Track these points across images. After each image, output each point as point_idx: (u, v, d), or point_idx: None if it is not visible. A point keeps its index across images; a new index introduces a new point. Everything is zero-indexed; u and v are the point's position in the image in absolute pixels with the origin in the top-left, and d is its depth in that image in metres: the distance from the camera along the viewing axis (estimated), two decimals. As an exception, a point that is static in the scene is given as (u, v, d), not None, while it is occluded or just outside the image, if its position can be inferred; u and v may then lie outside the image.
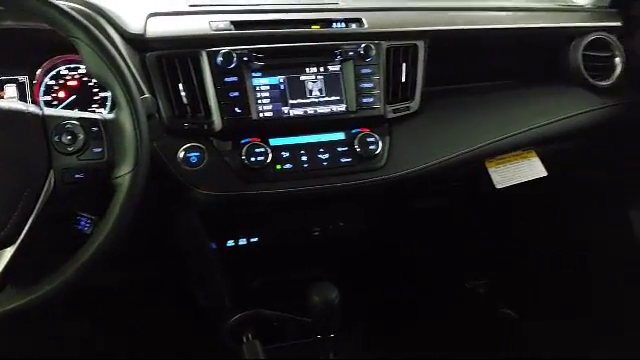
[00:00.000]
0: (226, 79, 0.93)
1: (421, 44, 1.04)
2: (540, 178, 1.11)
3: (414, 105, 1.04)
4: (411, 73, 1.03)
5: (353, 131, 0.99)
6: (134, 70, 0.84)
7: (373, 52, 0.99)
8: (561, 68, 1.16)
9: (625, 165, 1.28)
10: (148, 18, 0.92)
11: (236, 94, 0.93)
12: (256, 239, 1.10)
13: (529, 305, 1.52)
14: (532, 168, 1.10)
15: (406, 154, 1.00)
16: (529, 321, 1.48)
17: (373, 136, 0.98)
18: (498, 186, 1.07)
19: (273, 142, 0.95)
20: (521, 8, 1.19)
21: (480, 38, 1.12)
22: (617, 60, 1.15)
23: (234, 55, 0.92)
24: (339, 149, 0.98)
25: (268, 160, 0.93)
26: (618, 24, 1.17)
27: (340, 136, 0.99)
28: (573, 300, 1.46)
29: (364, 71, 0.99)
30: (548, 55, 1.18)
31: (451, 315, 1.46)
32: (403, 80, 1.03)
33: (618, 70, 1.15)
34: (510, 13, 1.16)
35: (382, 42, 1.01)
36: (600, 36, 1.14)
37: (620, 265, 1.38)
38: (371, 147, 0.98)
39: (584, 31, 1.15)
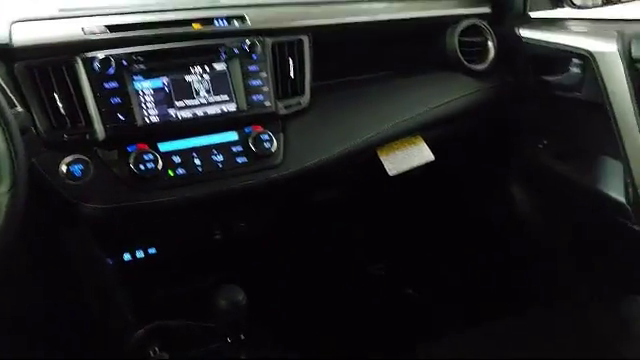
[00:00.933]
0: (105, 85, 0.88)
1: (306, 39, 1.04)
2: (430, 162, 1.16)
3: (305, 100, 1.05)
4: (299, 68, 1.04)
5: (246, 130, 0.98)
6: (1, 82, 0.77)
7: (258, 49, 0.98)
8: (439, 55, 1.21)
9: (504, 142, 1.37)
10: (12, 25, 0.85)
11: (117, 100, 0.89)
12: (154, 250, 1.06)
13: (429, 284, 1.60)
14: (421, 153, 1.14)
15: (301, 150, 1.01)
16: (430, 300, 1.56)
17: (267, 134, 0.98)
18: (391, 173, 1.10)
19: (163, 147, 0.92)
20: (398, -1, 1.23)
21: (361, 30, 1.14)
22: (490, 44, 1.22)
23: (112, 60, 0.88)
24: (234, 149, 0.97)
25: (159, 167, 0.89)
26: (487, 10, 1.24)
27: (233, 136, 0.98)
28: (468, 276, 1.56)
29: (251, 68, 0.98)
30: (426, 43, 1.23)
31: (356, 300, 1.50)
32: (292, 76, 1.03)
33: (491, 54, 1.22)
34: (388, 4, 1.19)
35: (267, 38, 1.00)
36: (473, 22, 1.21)
37: (507, 239, 1.48)
38: (266, 145, 0.97)
39: (457, 18, 1.20)
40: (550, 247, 1.42)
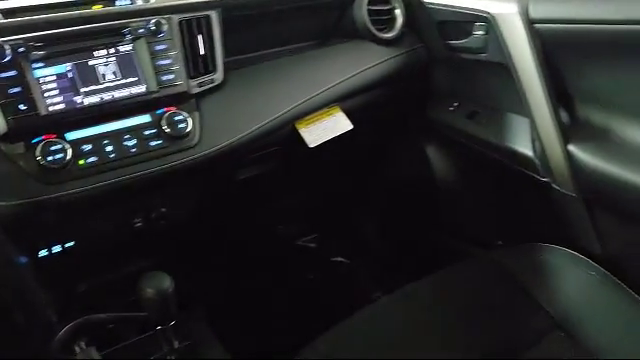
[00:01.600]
0: (2, 75, 0.83)
1: (214, 14, 1.02)
2: (349, 131, 1.18)
3: (218, 77, 1.03)
4: (209, 45, 1.02)
5: (158, 112, 0.96)
6: None
7: (165, 27, 0.95)
8: (351, 25, 1.22)
9: (418, 106, 1.41)
10: None
11: (17, 90, 0.84)
12: (72, 243, 1.01)
13: (358, 250, 1.64)
14: (339, 123, 1.15)
15: (218, 128, 0.99)
16: (359, 265, 1.60)
17: (181, 114, 0.96)
18: (311, 145, 1.11)
19: (70, 136, 0.88)
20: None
21: (270, 3, 1.12)
22: (397, 12, 1.25)
23: (7, 47, 0.83)
24: (147, 133, 0.94)
25: (68, 157, 0.86)
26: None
27: (146, 119, 0.95)
28: (394, 238, 1.61)
29: (159, 48, 0.95)
30: (336, 14, 1.24)
31: (288, 274, 1.51)
32: (202, 53, 1.01)
33: (399, 22, 1.24)
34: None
35: (173, 16, 0.97)
36: (377, -9, 1.22)
37: (426, 199, 1.54)
38: (180, 126, 0.95)
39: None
40: (468, 203, 1.48)
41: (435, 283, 1.04)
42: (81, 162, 0.88)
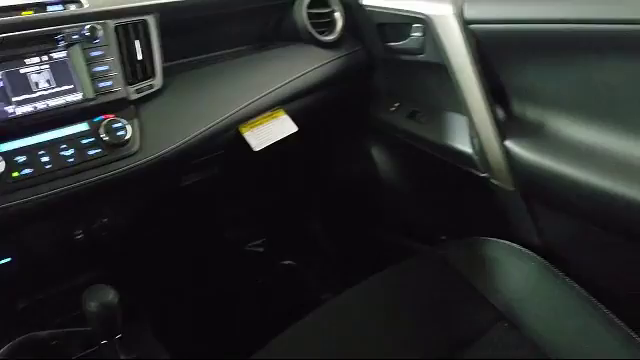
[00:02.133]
0: None
1: (151, 19, 1.00)
2: (294, 133, 1.18)
3: (157, 82, 1.01)
4: (147, 50, 0.99)
5: (96, 120, 0.93)
6: None
7: (100, 33, 0.92)
8: (290, 29, 1.22)
9: (361, 107, 1.43)
10: None
11: (-58, 101, 0.80)
12: (9, 259, 0.97)
13: (305, 251, 1.64)
14: (283, 126, 1.15)
15: (159, 134, 0.97)
16: (308, 267, 1.60)
17: (119, 121, 0.93)
18: (256, 149, 1.10)
19: (3, 148, 0.85)
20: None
21: (209, 7, 1.11)
22: (337, 15, 1.26)
23: None
24: (84, 141, 0.91)
25: (1, 169, 0.82)
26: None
27: (83, 127, 0.92)
28: (340, 237, 1.62)
29: (94, 54, 0.93)
30: (278, 16, 1.24)
31: (237, 280, 1.50)
32: (140, 58, 0.99)
33: (340, 24, 1.26)
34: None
35: (108, 21, 0.94)
36: (317, -6, 1.23)
37: (371, 199, 1.56)
38: (120, 133, 0.93)
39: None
40: (412, 201, 1.51)
41: (382, 281, 1.06)
42: (15, 174, 0.84)
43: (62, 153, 0.88)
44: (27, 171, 0.85)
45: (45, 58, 0.89)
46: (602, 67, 0.93)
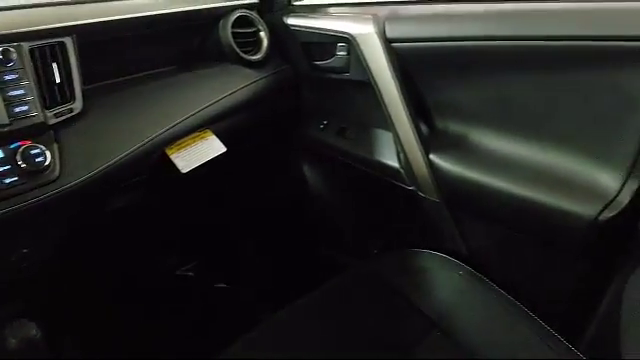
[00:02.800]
0: None
1: (69, 41, 0.96)
2: (223, 154, 1.17)
3: (77, 106, 0.97)
4: (65, 73, 0.96)
5: (12, 146, 0.88)
6: None
7: (14, 56, 0.88)
8: (216, 49, 1.22)
9: (290, 126, 1.44)
10: None
11: None
12: None
13: (239, 273, 1.62)
14: (211, 147, 1.14)
15: (80, 159, 0.93)
16: (242, 289, 1.58)
17: (37, 147, 0.89)
18: (183, 170, 1.08)
19: None
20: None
21: (130, 28, 1.09)
22: (262, 34, 1.27)
23: None
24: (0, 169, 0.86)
25: None
26: (255, 1, 1.28)
27: None
28: (273, 257, 1.61)
29: (8, 78, 0.88)
30: (201, 37, 1.23)
31: (169, 305, 1.46)
32: (58, 81, 0.95)
33: (265, 43, 1.26)
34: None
35: (22, 44, 0.90)
36: (242, 13, 1.23)
37: (303, 216, 1.57)
38: (38, 160, 0.88)
39: (227, 10, 1.22)
40: (343, 216, 1.53)
41: (317, 298, 1.06)
42: None
43: (-25, 182, 0.83)
44: (-64, 202, 0.80)
45: (-46, 83, 0.84)
46: (512, 81, 0.98)
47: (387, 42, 1.08)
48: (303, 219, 1.58)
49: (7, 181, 0.86)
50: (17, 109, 0.88)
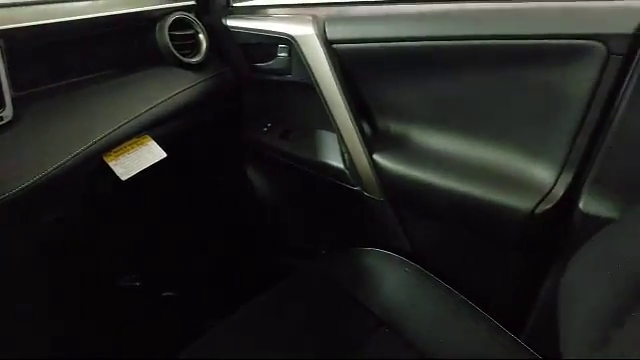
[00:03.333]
0: None
1: None
2: (165, 160, 1.14)
3: (7, 114, 0.93)
4: (-7, 79, 0.92)
5: None
6: None
7: None
8: (154, 52, 1.19)
9: (233, 129, 1.42)
10: None
11: None
12: None
13: (185, 281, 1.59)
14: (151, 152, 1.11)
15: (10, 171, 0.89)
16: (189, 296, 1.55)
17: (-36, 158, 0.85)
18: (123, 178, 1.05)
19: None
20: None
21: (64, 32, 1.05)
22: (201, 37, 1.25)
23: None
24: None
25: None
26: (193, 3, 1.26)
27: None
28: (220, 262, 1.59)
29: None
30: (139, 40, 1.20)
31: (114, 317, 1.42)
32: None
33: (204, 46, 1.24)
34: (91, 2, 1.12)
35: None
36: (180, 16, 1.21)
37: (250, 220, 1.55)
38: None
39: (164, 12, 1.19)
40: (290, 218, 1.52)
41: (266, 301, 1.06)
42: None
43: None
44: None
45: None
46: (448, 81, 1.01)
47: (327, 43, 1.09)
48: (249, 222, 1.57)
49: None
50: (-60, 118, 0.84)
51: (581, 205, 0.89)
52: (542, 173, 0.96)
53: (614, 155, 0.86)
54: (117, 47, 1.19)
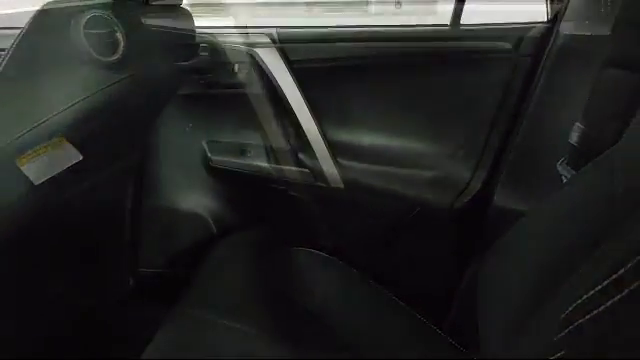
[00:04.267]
0: None
1: None
2: (81, 162, 1.09)
3: None
4: None
5: None
6: None
7: None
8: (69, 50, 1.13)
9: (144, 129, 1.37)
10: None
11: None
12: None
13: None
14: (66, 155, 1.06)
15: None
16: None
17: None
18: (36, 182, 0.99)
19: None
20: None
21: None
22: (118, 35, 1.20)
23: None
24: None
25: None
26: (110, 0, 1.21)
27: None
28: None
29: None
30: (53, 38, 1.14)
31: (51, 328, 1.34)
32: None
33: (122, 44, 1.20)
34: None
35: None
36: (95, 14, 1.16)
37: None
38: None
39: (78, 10, 1.14)
40: (221, 222, 1.50)
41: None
42: None
43: None
44: None
45: None
46: (372, 83, 1.03)
47: (250, 45, 1.09)
48: (166, 228, 1.51)
49: None
50: None
51: (496, 199, 0.93)
52: (459, 169, 1.00)
53: (525, 152, 0.91)
54: (29, 44, 1.12)
